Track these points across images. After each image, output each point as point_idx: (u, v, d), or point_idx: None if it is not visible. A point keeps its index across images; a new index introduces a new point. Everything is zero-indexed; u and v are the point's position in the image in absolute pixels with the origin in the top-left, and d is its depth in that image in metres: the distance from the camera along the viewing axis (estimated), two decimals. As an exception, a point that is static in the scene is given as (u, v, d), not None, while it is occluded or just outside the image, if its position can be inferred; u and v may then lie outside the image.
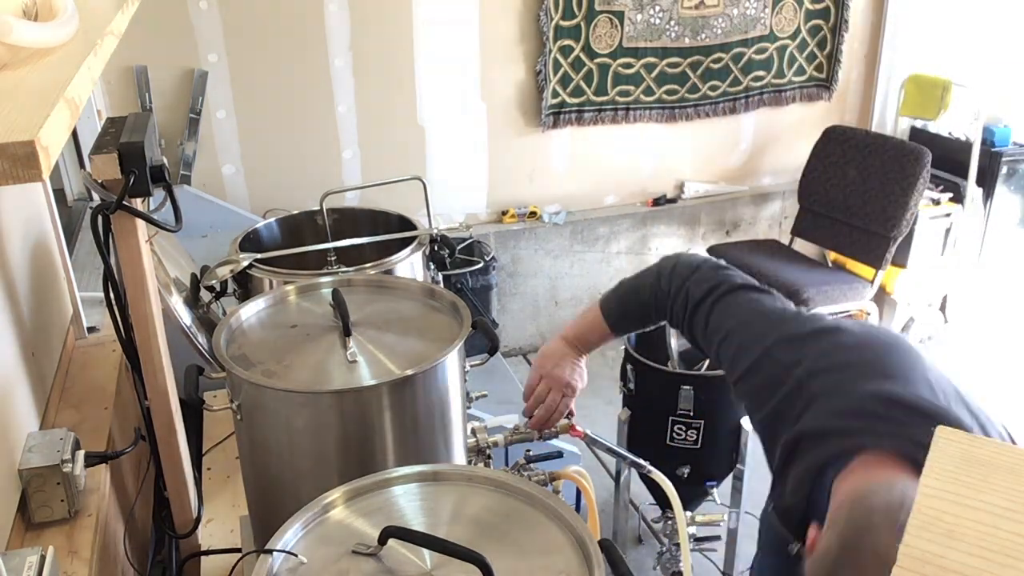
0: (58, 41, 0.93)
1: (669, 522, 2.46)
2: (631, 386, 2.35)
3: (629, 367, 2.35)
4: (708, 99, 3.95)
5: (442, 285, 1.68)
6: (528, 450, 1.65)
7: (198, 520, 1.57)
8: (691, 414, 2.20)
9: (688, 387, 2.18)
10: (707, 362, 2.36)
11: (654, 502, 2.53)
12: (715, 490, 2.37)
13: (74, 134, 2.69)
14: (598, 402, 3.62)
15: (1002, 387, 3.60)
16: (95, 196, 1.25)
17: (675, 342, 2.17)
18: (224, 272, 1.70)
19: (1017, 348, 3.87)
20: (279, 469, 1.24)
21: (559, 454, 1.75)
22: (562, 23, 3.59)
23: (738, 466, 2.40)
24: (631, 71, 3.77)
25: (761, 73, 3.98)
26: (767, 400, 1.19)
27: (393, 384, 1.16)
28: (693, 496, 2.38)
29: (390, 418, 1.18)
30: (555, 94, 3.70)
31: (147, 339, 1.37)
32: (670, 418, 2.20)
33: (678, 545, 2.42)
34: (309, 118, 3.43)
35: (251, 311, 1.36)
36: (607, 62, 3.72)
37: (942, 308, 4.06)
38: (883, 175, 3.47)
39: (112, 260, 1.31)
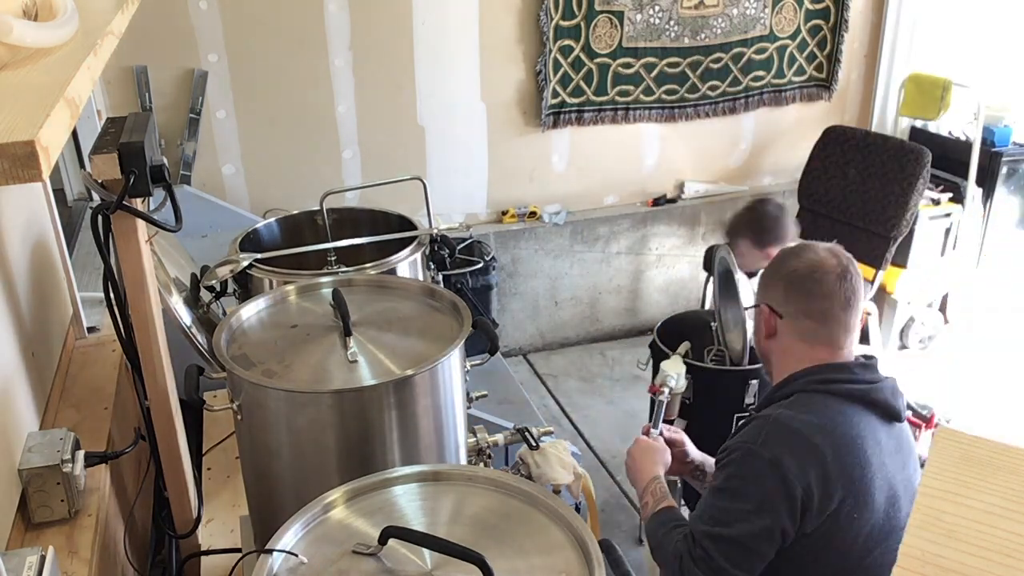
0: (58, 41, 0.93)
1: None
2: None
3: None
4: (708, 99, 3.94)
5: (442, 285, 1.69)
6: None
7: (198, 520, 1.57)
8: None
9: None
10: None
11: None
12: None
13: (74, 134, 2.69)
14: (598, 402, 3.62)
15: (1002, 387, 3.60)
16: (95, 196, 1.25)
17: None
18: (224, 272, 1.70)
19: (1017, 348, 3.87)
20: (279, 469, 1.24)
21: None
22: (562, 23, 3.59)
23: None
24: (631, 71, 3.77)
25: (761, 73, 3.98)
26: None
27: (393, 384, 1.16)
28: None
29: (390, 418, 1.18)
30: (555, 94, 3.70)
31: (147, 339, 1.37)
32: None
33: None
34: (309, 118, 3.43)
35: (251, 311, 1.36)
36: (607, 62, 3.71)
37: (942, 308, 4.05)
38: (883, 175, 3.46)
39: (112, 260, 1.31)
